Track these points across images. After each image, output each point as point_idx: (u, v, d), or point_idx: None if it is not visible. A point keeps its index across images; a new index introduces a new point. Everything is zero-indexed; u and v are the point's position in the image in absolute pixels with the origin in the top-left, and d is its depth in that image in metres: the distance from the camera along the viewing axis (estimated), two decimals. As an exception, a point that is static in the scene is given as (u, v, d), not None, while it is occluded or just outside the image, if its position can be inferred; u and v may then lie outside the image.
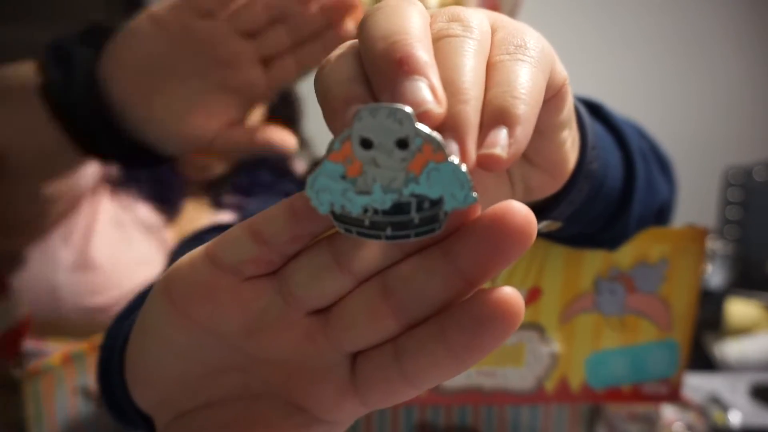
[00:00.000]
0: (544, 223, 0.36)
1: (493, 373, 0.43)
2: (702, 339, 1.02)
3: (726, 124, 1.98)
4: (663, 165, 0.48)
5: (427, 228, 0.21)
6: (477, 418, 0.57)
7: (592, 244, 0.42)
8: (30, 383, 0.57)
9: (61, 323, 0.77)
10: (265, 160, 1.06)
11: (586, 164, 0.34)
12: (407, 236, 0.21)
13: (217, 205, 1.01)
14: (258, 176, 1.05)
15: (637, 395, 0.44)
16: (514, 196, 0.32)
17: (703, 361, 0.98)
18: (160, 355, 0.25)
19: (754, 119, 1.98)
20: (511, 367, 0.43)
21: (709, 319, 1.09)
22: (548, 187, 0.32)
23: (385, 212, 0.21)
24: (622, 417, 0.62)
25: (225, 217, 0.99)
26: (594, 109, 0.41)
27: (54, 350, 0.63)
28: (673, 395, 0.44)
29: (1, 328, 0.54)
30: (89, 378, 0.64)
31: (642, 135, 0.48)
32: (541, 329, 0.42)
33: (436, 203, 0.20)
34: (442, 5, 0.65)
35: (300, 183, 1.06)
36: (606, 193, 0.38)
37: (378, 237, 0.21)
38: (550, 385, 0.43)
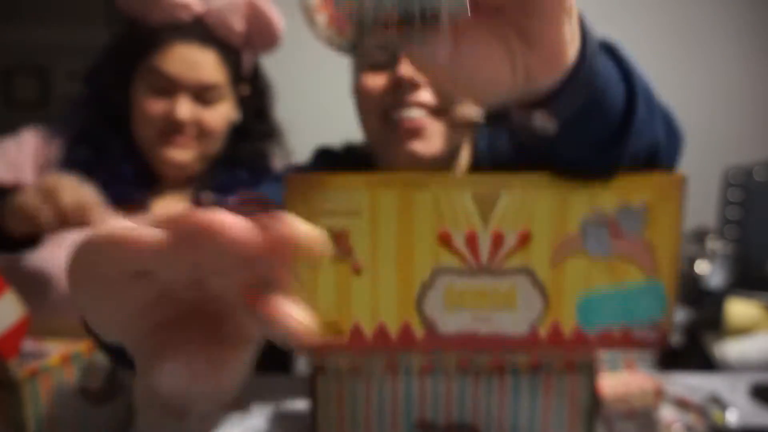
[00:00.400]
0: (540, 116, 0.37)
1: (488, 317, 0.44)
2: (702, 339, 1.02)
3: (726, 124, 1.98)
4: (665, 115, 0.52)
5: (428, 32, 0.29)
6: (476, 416, 0.57)
7: (587, 169, 0.43)
8: (29, 383, 0.57)
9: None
10: (242, 159, 1.09)
11: (585, 66, 0.37)
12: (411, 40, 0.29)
13: (196, 202, 1.04)
14: (236, 175, 1.07)
15: (628, 340, 0.45)
16: (515, 80, 0.34)
17: (703, 360, 0.98)
18: (93, 303, 0.27)
19: (755, 120, 1.98)
20: (505, 312, 0.44)
21: (709, 319, 1.09)
22: (547, 74, 0.35)
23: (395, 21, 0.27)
24: (620, 415, 0.62)
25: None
26: (610, 49, 0.45)
27: (53, 350, 0.63)
28: (663, 340, 0.45)
29: (1, 327, 0.54)
30: (89, 378, 0.64)
31: (650, 89, 0.51)
32: (533, 273, 0.44)
33: (436, 13, 0.28)
34: None
35: (277, 179, 1.06)
36: (605, 111, 0.40)
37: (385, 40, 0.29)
38: (543, 330, 0.44)
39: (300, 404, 0.78)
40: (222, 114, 1.01)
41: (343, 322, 0.43)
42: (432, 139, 0.72)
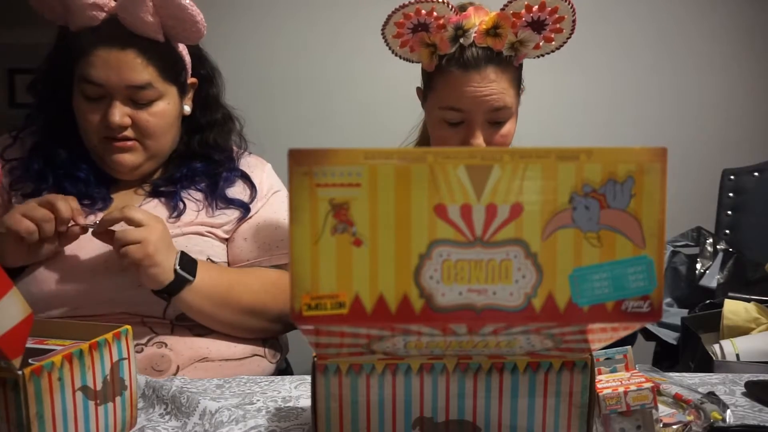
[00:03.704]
0: None
1: (484, 290, 0.45)
2: (700, 338, 1.03)
3: (725, 126, 1.98)
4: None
5: None
6: (475, 414, 0.57)
7: None
8: (32, 382, 0.58)
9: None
10: (195, 150, 1.09)
11: None
12: None
13: (154, 194, 1.06)
14: (191, 166, 1.08)
15: (620, 314, 0.46)
16: None
17: (700, 359, 0.98)
18: None
19: (753, 122, 1.99)
20: (501, 284, 0.45)
21: (706, 319, 1.10)
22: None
23: None
24: (617, 413, 0.62)
25: (154, 203, 1.05)
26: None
27: (55, 350, 0.64)
28: (655, 314, 0.46)
29: (7, 326, 0.54)
30: (90, 377, 0.65)
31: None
32: (526, 244, 0.45)
33: None
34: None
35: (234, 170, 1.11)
36: None
37: None
38: (538, 303, 0.45)
39: (301, 402, 0.79)
40: (161, 112, 1.00)
41: (343, 294, 0.44)
42: None
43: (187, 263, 0.94)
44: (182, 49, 1.04)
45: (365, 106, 1.95)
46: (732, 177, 1.52)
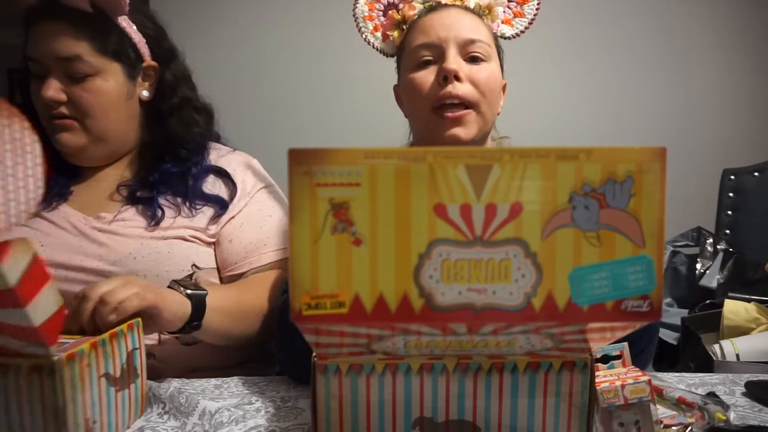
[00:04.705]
0: None
1: (484, 289, 0.44)
2: (700, 338, 1.03)
3: (725, 127, 1.99)
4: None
5: None
6: (474, 414, 0.57)
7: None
8: (68, 367, 0.60)
9: None
10: (158, 144, 1.05)
11: None
12: None
13: (131, 200, 1.01)
14: (163, 169, 1.03)
15: (620, 314, 0.46)
16: None
17: (701, 360, 0.98)
18: None
19: (754, 122, 1.99)
20: (500, 283, 0.45)
21: (706, 319, 1.10)
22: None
23: None
24: (615, 406, 0.62)
25: (131, 211, 1.00)
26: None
27: (67, 342, 0.65)
28: (654, 313, 0.46)
29: (46, 315, 0.56)
30: (111, 364, 0.67)
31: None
32: (525, 244, 0.45)
33: None
34: None
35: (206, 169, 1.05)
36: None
37: None
38: (537, 303, 0.45)
39: (300, 402, 0.79)
40: (96, 88, 0.97)
41: (343, 294, 0.44)
42: (469, 126, 0.91)
43: (189, 285, 0.88)
44: (127, 25, 0.99)
45: (360, 105, 1.96)
46: (732, 177, 1.52)
